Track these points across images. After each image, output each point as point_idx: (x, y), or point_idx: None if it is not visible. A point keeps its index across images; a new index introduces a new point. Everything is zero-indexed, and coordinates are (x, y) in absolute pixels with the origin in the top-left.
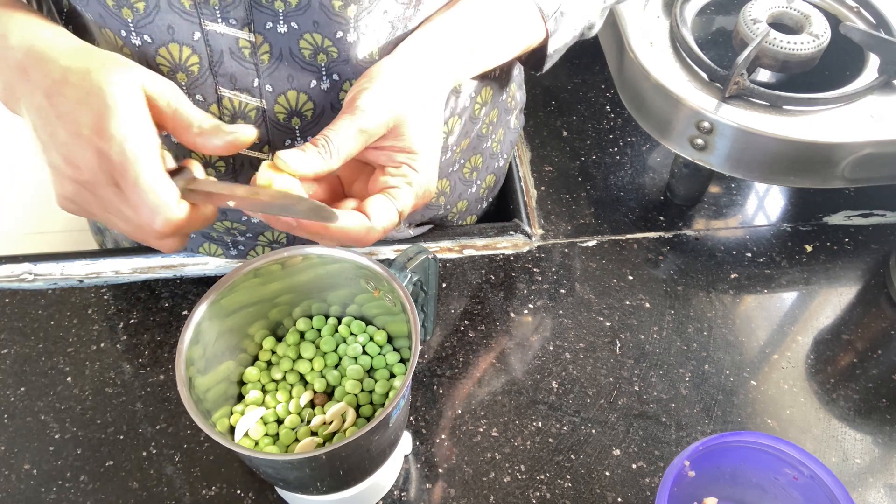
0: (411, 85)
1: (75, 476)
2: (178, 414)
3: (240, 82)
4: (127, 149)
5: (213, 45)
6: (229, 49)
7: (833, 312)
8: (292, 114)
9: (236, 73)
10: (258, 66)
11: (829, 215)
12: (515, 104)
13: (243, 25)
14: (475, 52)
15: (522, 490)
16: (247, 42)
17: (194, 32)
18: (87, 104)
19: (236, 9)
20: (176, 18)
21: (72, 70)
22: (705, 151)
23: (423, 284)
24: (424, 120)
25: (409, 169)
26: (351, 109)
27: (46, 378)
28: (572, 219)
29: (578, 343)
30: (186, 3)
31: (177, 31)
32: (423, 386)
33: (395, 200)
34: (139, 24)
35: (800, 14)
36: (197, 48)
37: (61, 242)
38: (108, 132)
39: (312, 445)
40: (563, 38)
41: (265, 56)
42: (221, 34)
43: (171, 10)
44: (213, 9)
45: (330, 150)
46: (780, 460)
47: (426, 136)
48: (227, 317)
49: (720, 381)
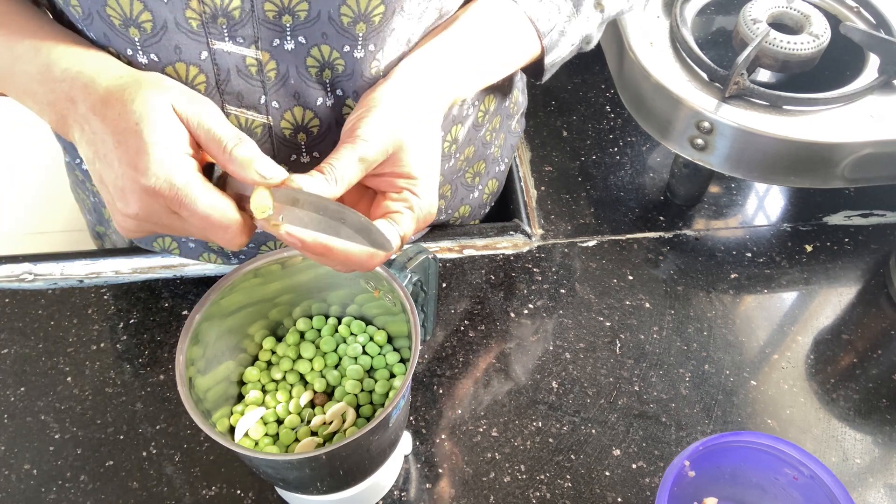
0: (410, 111)
1: (75, 476)
2: (178, 414)
3: (246, 100)
4: (175, 183)
5: (220, 63)
6: (236, 67)
7: (833, 312)
8: (298, 129)
9: (243, 90)
10: (265, 84)
11: (829, 215)
12: (517, 109)
13: (250, 43)
14: (473, 72)
15: (522, 490)
16: (254, 60)
17: (201, 52)
18: (125, 144)
19: (244, 27)
20: (183, 38)
21: (109, 102)
22: (705, 151)
23: (423, 284)
24: (423, 145)
25: (410, 194)
26: (351, 139)
27: (46, 378)
28: (572, 219)
29: (578, 343)
30: (194, 24)
31: (184, 51)
32: (423, 386)
33: (398, 225)
34: (146, 44)
35: (800, 14)
36: (204, 67)
37: (61, 242)
38: (152, 171)
39: (312, 445)
40: (559, 54)
41: (272, 73)
42: (229, 53)
43: (178, 31)
44: (221, 28)
45: (334, 177)
46: (780, 460)
47: (426, 160)
48: (227, 317)
49: (720, 381)
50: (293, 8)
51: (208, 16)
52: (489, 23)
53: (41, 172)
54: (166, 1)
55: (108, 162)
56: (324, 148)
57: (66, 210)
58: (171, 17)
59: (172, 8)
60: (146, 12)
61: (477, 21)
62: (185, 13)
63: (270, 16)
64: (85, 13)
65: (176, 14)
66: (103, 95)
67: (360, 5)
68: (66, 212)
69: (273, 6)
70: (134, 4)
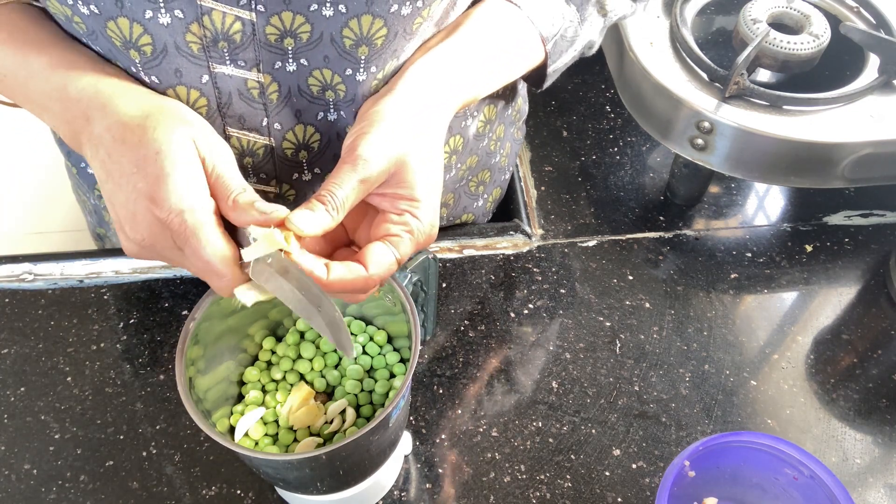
0: (412, 127)
1: (75, 476)
2: (178, 414)
3: (248, 122)
4: (186, 220)
5: (221, 87)
6: (238, 91)
7: (833, 312)
8: (300, 147)
9: (245, 113)
10: (267, 106)
11: (829, 215)
12: (520, 116)
13: (252, 66)
14: (478, 79)
15: (522, 490)
16: (255, 83)
17: (202, 76)
18: (143, 171)
19: (245, 50)
20: (184, 62)
21: (129, 127)
22: (705, 151)
23: (423, 284)
24: (426, 163)
25: (410, 217)
26: (352, 159)
27: (46, 378)
28: (572, 219)
29: (578, 343)
30: (195, 47)
31: (184, 75)
32: (423, 386)
33: (395, 248)
34: (146, 66)
35: (800, 14)
36: (205, 91)
37: (61, 242)
38: (168, 203)
39: (312, 445)
40: (563, 60)
41: (273, 95)
42: (230, 76)
43: (178, 54)
44: (222, 51)
45: (336, 204)
46: (780, 460)
47: (428, 181)
48: (227, 317)
49: (720, 381)
50: (295, 30)
51: (209, 39)
52: (493, 29)
53: (41, 172)
54: (166, 25)
55: (120, 185)
56: (324, 163)
57: (66, 210)
58: (172, 40)
59: (173, 32)
60: (146, 35)
61: (481, 27)
62: (186, 37)
63: (272, 39)
64: (89, 30)
65: (176, 38)
66: (123, 119)
67: (363, 28)
68: (66, 212)
69: (275, 29)
70: (134, 27)
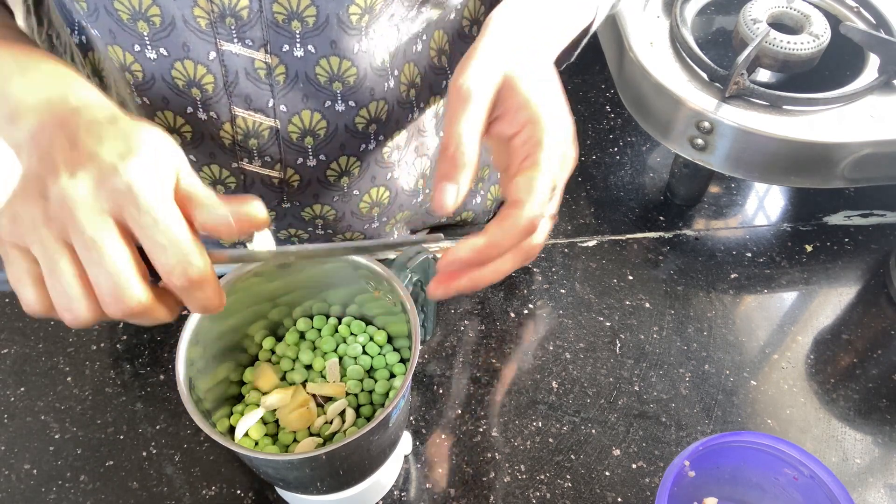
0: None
1: (75, 476)
2: (178, 414)
3: (254, 103)
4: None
5: (228, 65)
6: (245, 70)
7: (833, 312)
8: (305, 133)
9: (251, 93)
10: (273, 87)
11: (829, 215)
12: None
13: (259, 47)
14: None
15: (522, 490)
16: (263, 63)
17: (210, 52)
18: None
19: (252, 29)
20: (192, 37)
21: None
22: (705, 151)
23: (423, 284)
24: (535, 72)
25: (533, 129)
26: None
27: (46, 378)
28: (572, 219)
29: (578, 343)
30: (202, 22)
31: (192, 49)
32: (423, 386)
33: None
34: (155, 38)
35: (800, 14)
36: (212, 68)
37: None
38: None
39: (312, 445)
40: (599, 18)
41: (280, 77)
42: (237, 55)
43: (186, 28)
44: (230, 28)
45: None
46: (780, 460)
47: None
48: (227, 317)
49: (720, 381)
50: (301, 13)
51: (216, 15)
52: None
53: None
54: None
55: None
56: (330, 151)
57: None
58: (180, 13)
59: (181, 4)
60: (155, 6)
61: None
62: (194, 11)
63: (279, 19)
64: (91, 9)
65: (184, 11)
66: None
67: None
68: None
69: (282, 8)
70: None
